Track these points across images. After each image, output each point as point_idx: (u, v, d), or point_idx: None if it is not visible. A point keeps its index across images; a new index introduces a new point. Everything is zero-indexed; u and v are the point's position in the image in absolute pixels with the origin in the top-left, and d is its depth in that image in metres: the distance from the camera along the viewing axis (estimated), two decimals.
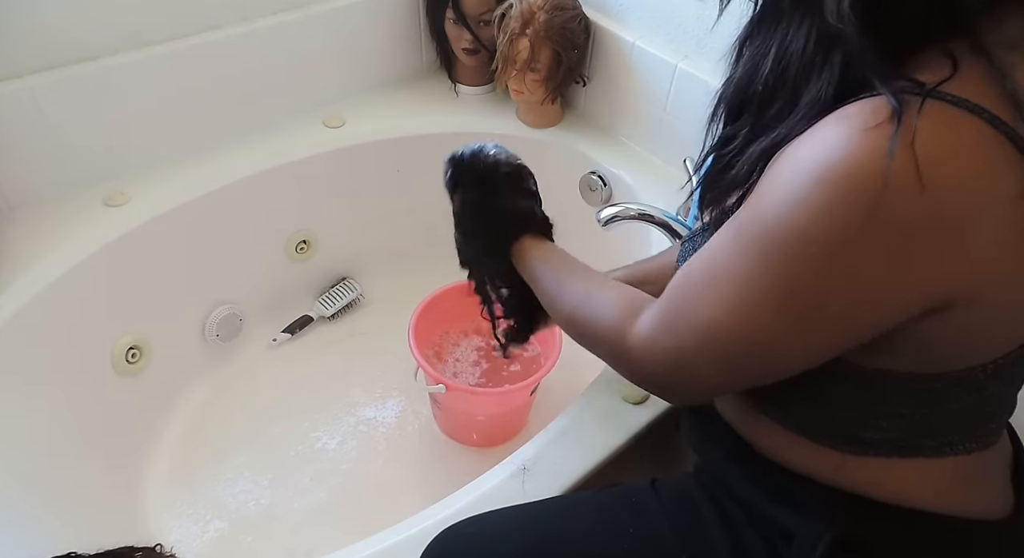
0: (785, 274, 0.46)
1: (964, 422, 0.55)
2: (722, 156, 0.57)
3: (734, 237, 0.50)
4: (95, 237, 1.16)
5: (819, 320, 0.47)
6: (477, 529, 0.71)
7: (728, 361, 0.52)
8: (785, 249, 0.45)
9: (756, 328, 0.49)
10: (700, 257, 0.53)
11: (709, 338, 0.51)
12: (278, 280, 1.50)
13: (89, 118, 1.17)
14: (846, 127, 0.43)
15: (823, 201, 0.43)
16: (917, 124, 0.40)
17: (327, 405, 1.41)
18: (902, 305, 0.45)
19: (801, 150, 0.45)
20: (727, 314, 0.49)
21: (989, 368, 0.50)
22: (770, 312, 0.48)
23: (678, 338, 0.54)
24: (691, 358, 0.53)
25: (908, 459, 0.56)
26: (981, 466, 0.58)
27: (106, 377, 1.23)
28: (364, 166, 1.45)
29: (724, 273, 0.50)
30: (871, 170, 0.41)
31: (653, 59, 1.25)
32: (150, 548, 0.66)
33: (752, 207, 0.49)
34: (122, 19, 1.15)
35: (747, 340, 0.50)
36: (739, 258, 0.48)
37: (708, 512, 0.66)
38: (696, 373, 0.54)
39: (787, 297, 0.47)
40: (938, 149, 0.40)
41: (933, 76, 0.42)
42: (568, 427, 0.89)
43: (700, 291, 0.52)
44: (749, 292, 0.48)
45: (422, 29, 1.49)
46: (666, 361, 0.55)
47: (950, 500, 0.57)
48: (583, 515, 0.71)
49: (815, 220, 0.43)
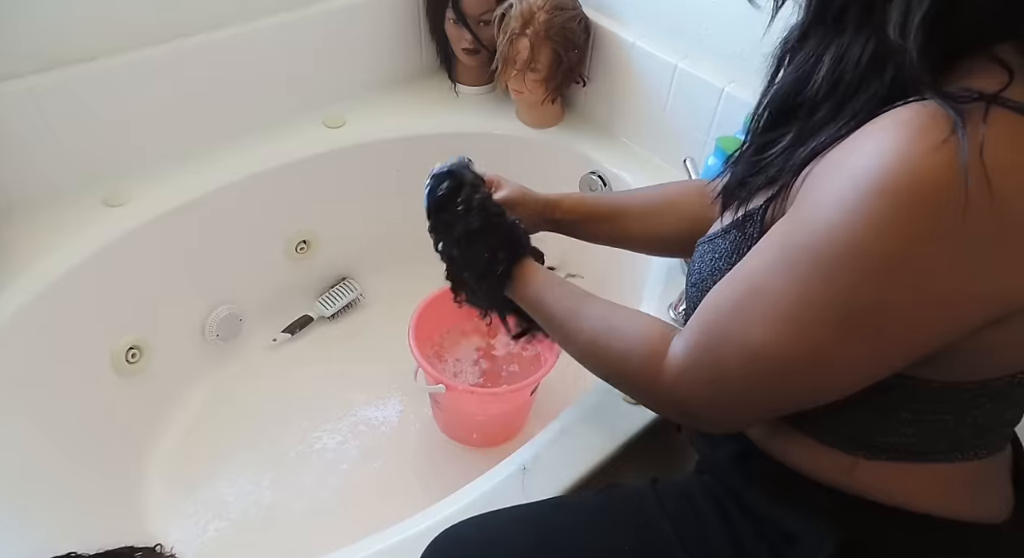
0: (843, 289, 0.44)
1: (980, 429, 0.55)
2: (759, 160, 0.55)
3: (778, 253, 0.47)
4: (95, 237, 1.16)
5: (877, 337, 0.45)
6: (477, 529, 0.71)
7: (775, 385, 0.50)
8: (842, 263, 0.43)
9: (809, 348, 0.46)
10: (736, 277, 0.51)
11: (757, 360, 0.49)
12: (278, 280, 1.50)
13: (89, 118, 1.17)
14: (904, 136, 0.41)
15: (886, 214, 0.41)
16: (985, 133, 0.39)
17: (327, 405, 1.41)
18: (963, 319, 0.44)
19: (855, 159, 0.43)
20: (777, 334, 0.47)
21: (1017, 378, 0.50)
22: (827, 330, 0.45)
23: (720, 363, 0.51)
24: (734, 384, 0.51)
25: (919, 464, 0.56)
26: (988, 471, 0.58)
27: (106, 377, 1.23)
28: (364, 166, 1.45)
29: (771, 291, 0.47)
30: (938, 181, 0.39)
31: (653, 59, 1.25)
32: (150, 548, 0.66)
33: (799, 219, 0.46)
34: (122, 19, 1.15)
35: (798, 361, 0.47)
36: (787, 275, 0.46)
37: (710, 513, 0.66)
38: (739, 400, 0.52)
39: (845, 313, 0.44)
40: (1007, 157, 0.39)
41: (984, 82, 0.41)
42: (568, 427, 0.89)
43: (743, 312, 0.49)
44: (802, 309, 0.45)
45: (422, 29, 1.49)
46: (707, 389, 0.53)
47: (956, 504, 0.57)
48: (584, 516, 0.70)
49: (877, 233, 0.41)
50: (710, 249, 0.60)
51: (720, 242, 0.58)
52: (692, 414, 0.57)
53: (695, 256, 0.63)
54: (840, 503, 0.58)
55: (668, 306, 1.06)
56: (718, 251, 0.58)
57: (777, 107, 0.53)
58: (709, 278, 0.59)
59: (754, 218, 0.54)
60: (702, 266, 0.60)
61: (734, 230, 0.56)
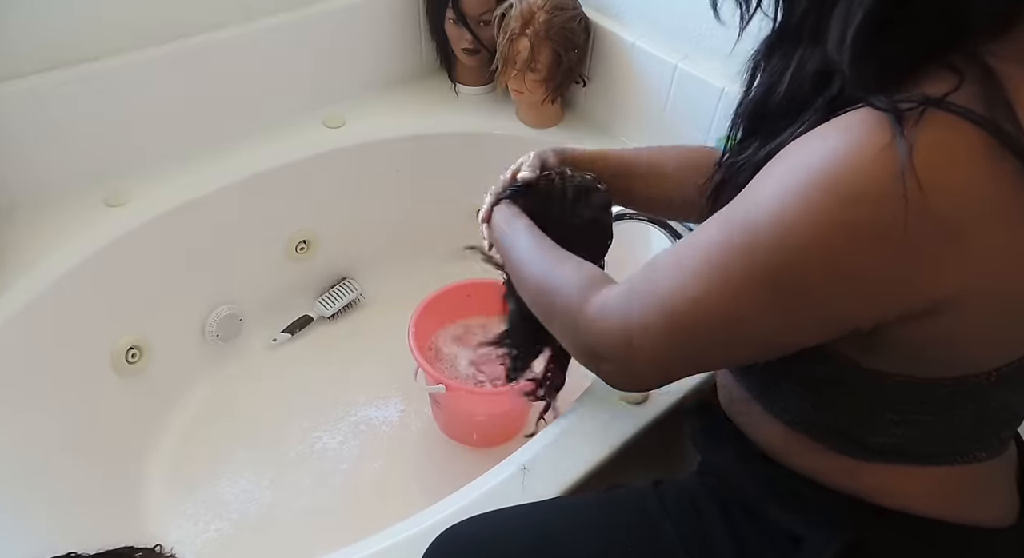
0: (769, 264, 0.46)
1: (973, 431, 0.55)
2: (732, 165, 0.58)
3: (718, 227, 0.50)
4: (95, 237, 1.16)
5: (794, 310, 0.48)
6: (477, 530, 0.71)
7: (685, 338, 0.52)
8: (773, 242, 0.45)
9: (726, 308, 0.49)
10: (674, 246, 0.54)
11: (668, 312, 0.51)
12: (278, 280, 1.50)
13: (90, 118, 1.17)
14: (846, 136, 0.43)
15: (820, 201, 0.43)
16: (915, 136, 0.40)
17: (327, 405, 1.41)
18: (880, 306, 0.45)
19: (801, 153, 0.46)
20: (698, 290, 0.50)
21: (993, 376, 0.50)
22: (744, 296, 0.48)
23: (631, 308, 0.54)
24: (641, 330, 0.53)
25: (918, 466, 0.56)
26: (990, 475, 0.58)
27: (106, 377, 1.23)
28: (364, 166, 1.45)
29: (702, 255, 0.50)
30: (870, 175, 0.41)
31: (653, 59, 1.25)
32: (150, 548, 0.66)
33: (742, 201, 0.49)
34: (124, 19, 1.15)
35: (714, 318, 0.50)
36: (721, 244, 0.49)
37: (712, 515, 0.66)
38: (644, 348, 0.54)
39: (767, 285, 0.47)
40: (940, 156, 0.40)
41: (934, 88, 0.42)
42: (568, 427, 0.89)
43: (668, 269, 0.52)
44: (726, 273, 0.48)
45: (422, 29, 1.49)
46: (615, 330, 0.55)
47: (959, 508, 0.57)
48: (585, 516, 0.70)
49: (809, 218, 0.44)
50: None
51: None
52: (602, 358, 0.58)
53: None
54: (843, 505, 0.58)
55: None
56: None
57: (748, 118, 0.57)
58: None
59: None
60: None
61: None
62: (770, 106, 0.53)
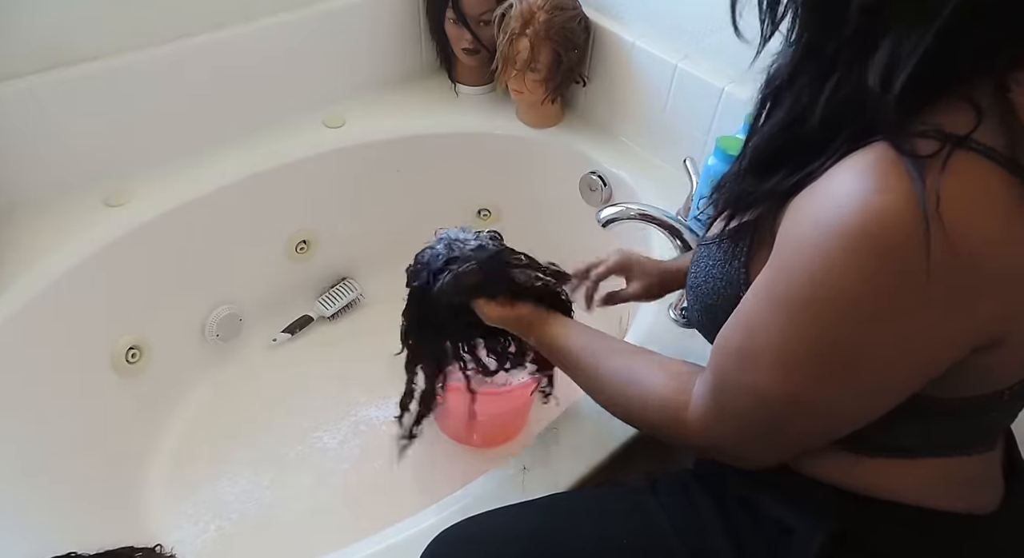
0: (817, 336, 0.46)
1: (982, 432, 0.56)
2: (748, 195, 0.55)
3: (766, 298, 0.49)
4: (95, 237, 1.16)
5: (860, 378, 0.47)
6: (477, 529, 0.71)
7: (786, 427, 0.52)
8: (815, 310, 0.45)
9: (798, 392, 0.48)
10: (735, 322, 0.53)
11: (764, 403, 0.51)
12: (278, 280, 1.50)
13: (90, 118, 1.17)
14: (864, 182, 0.42)
15: (849, 260, 0.42)
16: (942, 183, 0.39)
17: (327, 405, 1.41)
18: (940, 356, 0.45)
19: (821, 206, 0.44)
20: (773, 378, 0.49)
21: (1006, 394, 0.51)
22: (808, 375, 0.47)
23: (734, 406, 0.54)
24: (753, 425, 0.54)
25: (920, 459, 0.57)
26: (985, 464, 0.59)
27: (106, 377, 1.23)
28: (364, 166, 1.45)
29: (762, 338, 0.49)
30: (897, 229, 0.40)
31: (653, 59, 1.25)
32: (150, 548, 0.66)
33: (776, 267, 0.48)
34: (123, 19, 1.15)
35: (794, 404, 0.50)
36: (771, 321, 0.48)
37: (707, 508, 0.66)
38: (762, 439, 0.55)
39: (823, 358, 0.46)
40: (967, 210, 0.39)
41: (951, 120, 0.41)
42: (568, 427, 0.89)
43: (744, 357, 0.51)
44: (785, 356, 0.48)
45: (422, 29, 1.49)
46: (731, 431, 0.56)
47: (953, 498, 0.57)
48: (583, 514, 0.71)
49: (841, 280, 0.43)
50: (707, 254, 0.60)
51: (715, 249, 0.59)
52: (726, 453, 0.60)
53: (695, 258, 0.63)
54: (835, 495, 0.59)
55: (668, 306, 1.06)
56: (713, 258, 0.59)
57: (775, 145, 0.53)
58: (703, 283, 0.60)
59: (746, 232, 0.55)
60: (698, 270, 0.61)
61: (727, 240, 0.57)
62: (804, 134, 0.49)
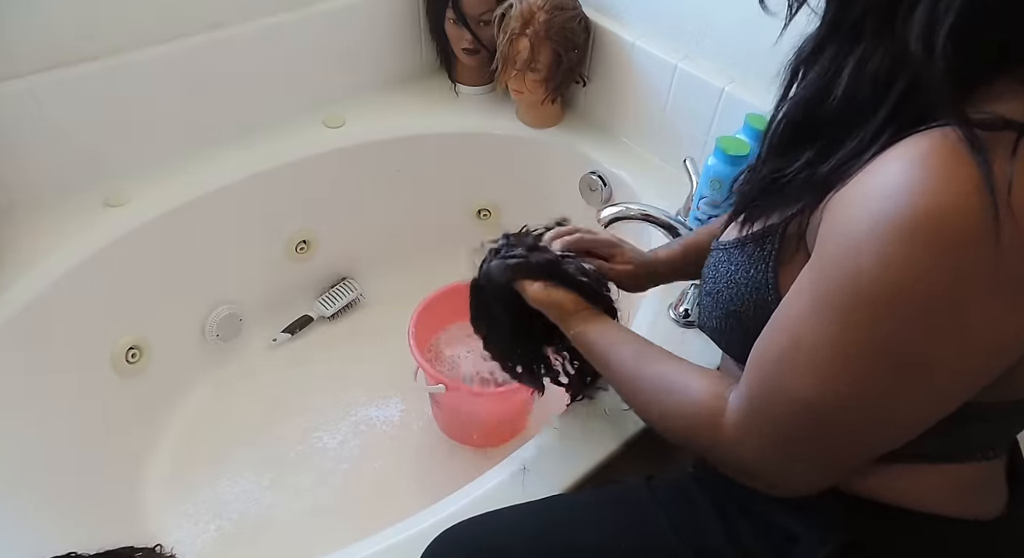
0: (878, 337, 0.42)
1: (1005, 436, 0.56)
2: (777, 178, 0.52)
3: (810, 302, 0.46)
4: (95, 237, 1.16)
5: (925, 379, 0.43)
6: (477, 529, 0.71)
7: (835, 439, 0.48)
8: (874, 310, 0.42)
9: (857, 400, 0.45)
10: (776, 327, 0.49)
11: (809, 414, 0.47)
12: (278, 280, 1.50)
13: (90, 118, 1.17)
14: (923, 171, 0.39)
15: (911, 256, 0.40)
16: (1014, 170, 0.37)
17: (327, 405, 1.41)
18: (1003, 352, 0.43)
19: (874, 198, 0.41)
20: (823, 386, 0.45)
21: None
22: (862, 378, 0.44)
23: (775, 419, 0.50)
24: (795, 442, 0.50)
25: (932, 465, 0.56)
26: (994, 470, 0.59)
27: (106, 377, 1.23)
28: (364, 166, 1.45)
29: (809, 341, 0.45)
30: (962, 221, 0.38)
31: (653, 59, 1.25)
32: (150, 548, 0.66)
33: (825, 265, 0.45)
34: (123, 19, 1.15)
35: (849, 411, 0.46)
36: (821, 324, 0.45)
37: (706, 508, 0.66)
38: (803, 457, 0.51)
39: (885, 361, 0.43)
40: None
41: (1008, 107, 0.39)
42: (568, 427, 0.89)
43: (787, 364, 0.47)
44: (841, 359, 0.44)
45: (422, 29, 1.49)
46: (768, 447, 0.52)
47: (962, 504, 0.57)
48: (582, 513, 0.71)
49: (900, 275, 0.40)
50: (725, 258, 0.58)
51: (736, 253, 0.57)
52: (760, 476, 0.55)
53: (709, 262, 0.61)
54: (842, 502, 0.58)
55: (668, 306, 1.06)
56: (734, 262, 0.57)
57: (795, 123, 0.51)
58: (724, 289, 0.58)
59: (774, 234, 0.52)
60: (717, 275, 0.59)
61: (751, 244, 0.55)
62: (825, 111, 0.48)
